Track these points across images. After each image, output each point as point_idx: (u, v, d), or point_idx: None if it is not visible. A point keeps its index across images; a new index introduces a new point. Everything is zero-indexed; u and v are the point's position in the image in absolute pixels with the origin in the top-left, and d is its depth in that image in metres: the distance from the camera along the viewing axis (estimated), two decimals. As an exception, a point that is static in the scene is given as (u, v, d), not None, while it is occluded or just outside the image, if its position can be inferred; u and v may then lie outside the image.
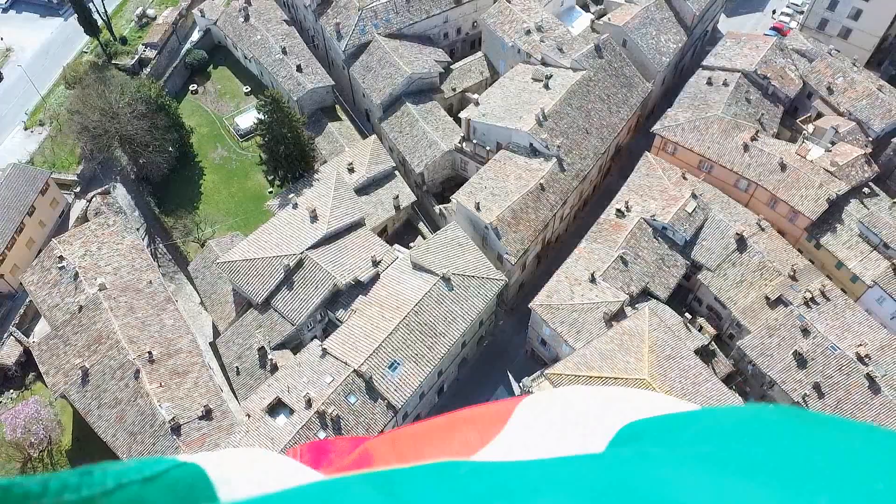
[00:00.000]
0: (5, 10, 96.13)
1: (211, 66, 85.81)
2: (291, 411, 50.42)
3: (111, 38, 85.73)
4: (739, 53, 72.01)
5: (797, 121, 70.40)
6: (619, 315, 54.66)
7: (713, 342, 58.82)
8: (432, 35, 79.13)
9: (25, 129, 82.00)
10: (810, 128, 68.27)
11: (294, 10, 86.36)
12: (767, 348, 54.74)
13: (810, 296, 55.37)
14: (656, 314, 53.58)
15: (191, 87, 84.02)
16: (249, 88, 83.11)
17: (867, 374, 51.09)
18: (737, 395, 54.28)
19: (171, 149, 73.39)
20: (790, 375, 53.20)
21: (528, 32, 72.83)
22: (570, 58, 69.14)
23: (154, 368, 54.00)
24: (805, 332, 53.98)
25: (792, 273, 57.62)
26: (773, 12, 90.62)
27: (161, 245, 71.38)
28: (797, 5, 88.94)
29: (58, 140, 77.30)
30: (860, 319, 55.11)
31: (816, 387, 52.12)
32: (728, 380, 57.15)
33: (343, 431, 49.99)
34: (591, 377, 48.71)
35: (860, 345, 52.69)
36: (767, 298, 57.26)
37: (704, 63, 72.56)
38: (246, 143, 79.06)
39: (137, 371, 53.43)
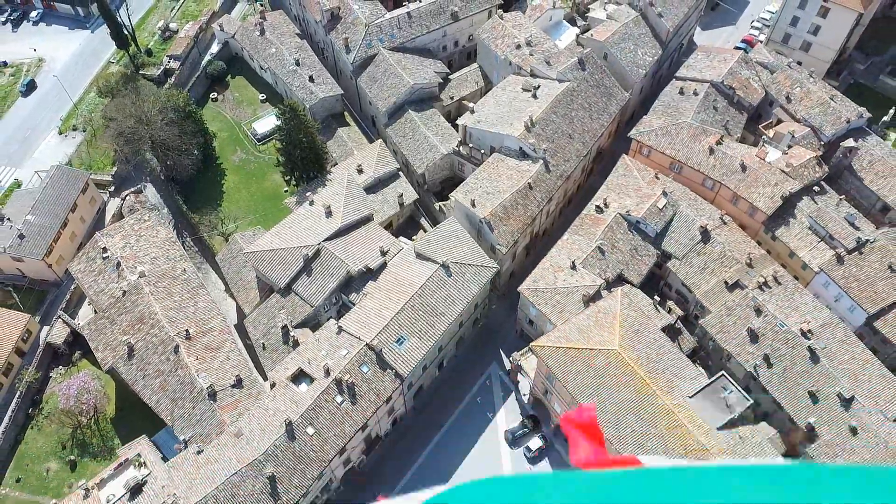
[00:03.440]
0: (36, 23, 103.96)
1: (229, 76, 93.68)
2: (312, 380, 58.32)
3: (137, 50, 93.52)
4: (709, 66, 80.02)
5: (759, 126, 78.43)
6: (596, 297, 62.61)
7: (681, 322, 66.84)
8: (432, 48, 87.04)
9: (60, 133, 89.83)
10: (771, 133, 76.34)
11: (305, 25, 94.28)
12: (725, 326, 62.84)
13: (763, 280, 63.42)
14: (628, 296, 61.61)
15: (211, 96, 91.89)
16: (265, 96, 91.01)
17: (809, 347, 59.17)
18: (699, 366, 62.66)
19: (196, 152, 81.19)
20: (744, 349, 61.28)
21: (519, 47, 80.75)
22: (556, 70, 76.99)
23: (191, 344, 61.97)
24: (758, 311, 62.05)
25: (748, 261, 65.66)
26: (753, 23, 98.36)
27: (188, 238, 79.15)
28: (766, 20, 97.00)
29: (93, 144, 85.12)
30: (807, 301, 63.14)
31: (766, 358, 60.17)
32: (693, 354, 65.30)
33: (357, 397, 57.89)
34: (568, 348, 56.75)
35: (804, 322, 60.77)
36: (726, 283, 65.25)
37: (677, 74, 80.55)
38: (263, 146, 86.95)
39: (177, 346, 61.40)
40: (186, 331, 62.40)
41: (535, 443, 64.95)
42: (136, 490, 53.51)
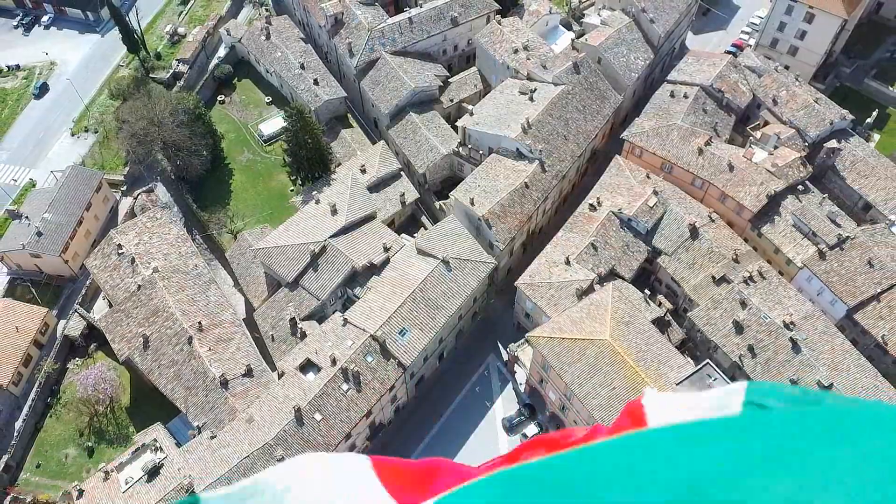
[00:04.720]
0: (47, 28, 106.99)
1: (236, 79, 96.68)
2: (319, 369, 61.43)
3: (147, 54, 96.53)
4: (699, 70, 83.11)
5: (747, 128, 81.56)
6: (589, 291, 65.65)
7: (670, 315, 69.94)
8: (432, 52, 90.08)
9: (72, 134, 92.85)
10: (758, 134, 79.48)
11: (310, 29, 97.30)
12: (712, 318, 65.95)
13: (749, 275, 66.51)
14: (619, 290, 64.71)
15: (219, 98, 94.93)
16: (270, 99, 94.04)
17: (791, 337, 62.28)
18: (687, 357, 65.73)
19: (205, 153, 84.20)
20: (729, 340, 64.40)
21: (516, 51, 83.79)
22: (552, 74, 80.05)
23: (203, 336, 65.06)
24: (743, 304, 65.12)
25: (735, 257, 68.78)
26: (743, 28, 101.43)
27: (198, 236, 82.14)
28: (756, 24, 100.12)
29: (105, 145, 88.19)
30: (790, 294, 66.23)
31: (750, 349, 63.28)
32: (681, 346, 68.40)
33: (362, 385, 60.97)
34: (563, 339, 59.88)
35: (787, 315, 63.87)
36: (714, 278, 68.37)
37: (668, 78, 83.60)
38: (269, 147, 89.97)
39: (190, 338, 64.50)
40: (199, 323, 65.46)
41: (532, 430, 68.09)
42: (153, 472, 56.62)
